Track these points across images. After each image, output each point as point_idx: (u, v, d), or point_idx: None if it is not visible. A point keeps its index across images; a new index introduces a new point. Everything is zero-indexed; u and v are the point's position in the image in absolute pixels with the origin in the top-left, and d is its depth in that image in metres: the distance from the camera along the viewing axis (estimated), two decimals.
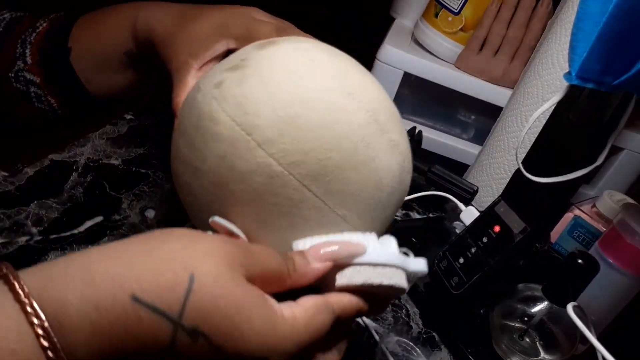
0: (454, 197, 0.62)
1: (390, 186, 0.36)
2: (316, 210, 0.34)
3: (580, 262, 0.41)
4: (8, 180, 0.51)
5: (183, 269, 0.24)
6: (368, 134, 0.35)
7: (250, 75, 0.35)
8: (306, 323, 0.28)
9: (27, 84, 0.52)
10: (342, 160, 0.34)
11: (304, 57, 0.36)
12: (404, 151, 0.38)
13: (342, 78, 0.36)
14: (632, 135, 0.82)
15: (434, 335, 0.50)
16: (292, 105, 0.33)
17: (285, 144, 0.33)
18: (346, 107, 0.34)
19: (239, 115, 0.34)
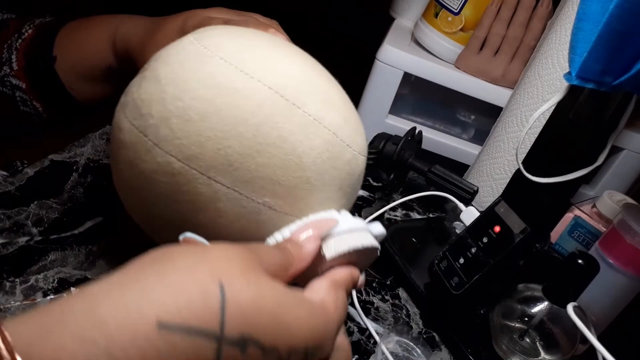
0: (454, 197, 0.62)
1: (316, 164, 0.34)
2: (232, 202, 0.33)
3: (580, 262, 0.41)
4: (8, 180, 0.51)
5: (209, 280, 0.22)
6: (273, 112, 0.33)
7: (147, 76, 0.35)
8: (334, 303, 0.29)
9: (13, 88, 0.53)
10: (243, 147, 0.32)
11: (197, 47, 0.35)
12: (333, 122, 0.35)
13: (236, 58, 0.34)
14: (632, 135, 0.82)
15: (434, 335, 0.50)
16: (182, 97, 0.32)
17: (179, 139, 0.32)
18: (238, 89, 0.33)
19: (136, 117, 0.34)
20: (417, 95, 1.04)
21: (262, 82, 0.33)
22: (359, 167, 0.38)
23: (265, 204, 0.34)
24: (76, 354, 0.18)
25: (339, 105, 0.37)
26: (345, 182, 0.37)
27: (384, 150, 0.68)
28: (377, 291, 0.53)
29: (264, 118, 0.33)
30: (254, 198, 0.33)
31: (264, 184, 0.33)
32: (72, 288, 0.41)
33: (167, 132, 0.32)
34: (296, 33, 0.41)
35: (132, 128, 0.34)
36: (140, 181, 0.35)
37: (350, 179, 0.38)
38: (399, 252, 0.56)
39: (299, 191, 0.34)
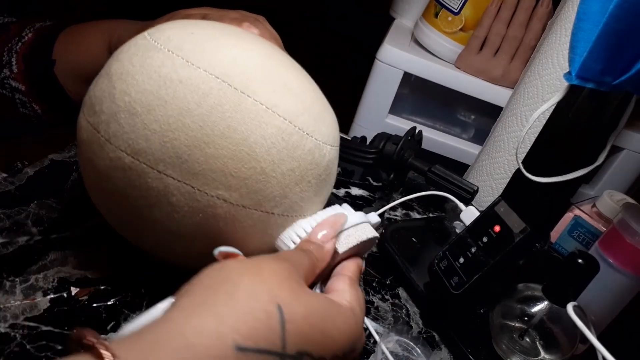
0: (454, 197, 0.62)
1: (270, 154, 0.33)
2: (185, 196, 0.33)
3: (580, 262, 0.41)
4: (8, 180, 0.51)
5: (269, 302, 0.26)
6: (220, 102, 0.32)
7: (102, 73, 0.35)
8: (357, 302, 0.32)
9: (13, 91, 0.54)
10: (189, 138, 0.32)
11: (148, 41, 0.35)
12: (289, 110, 0.34)
13: (184, 49, 0.33)
14: (632, 135, 0.83)
15: (434, 335, 0.50)
16: (129, 91, 0.32)
17: (127, 133, 0.32)
18: (183, 79, 0.32)
19: (91, 114, 0.34)
20: (417, 95, 1.04)
21: (207, 72, 0.33)
22: (326, 157, 0.37)
23: (219, 197, 0.33)
24: None
25: (298, 92, 0.36)
26: (309, 172, 0.36)
27: (384, 150, 0.68)
28: (377, 291, 0.53)
29: (210, 108, 0.32)
30: (207, 191, 0.33)
31: (215, 176, 0.32)
32: (71, 287, 0.41)
33: (117, 127, 0.33)
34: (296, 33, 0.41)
35: (87, 125, 0.35)
36: (97, 177, 0.35)
37: (315, 169, 0.36)
38: (399, 252, 0.56)
39: (255, 183, 0.33)
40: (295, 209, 0.37)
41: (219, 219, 0.34)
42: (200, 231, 0.35)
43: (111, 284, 0.42)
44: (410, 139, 0.70)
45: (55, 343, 0.37)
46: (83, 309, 0.40)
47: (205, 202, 0.33)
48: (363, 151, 0.68)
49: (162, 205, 0.33)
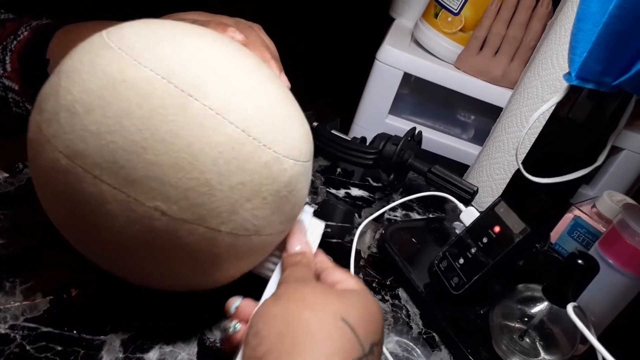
0: (454, 197, 0.62)
1: (217, 164, 0.31)
2: (121, 204, 0.30)
3: (580, 262, 0.41)
4: (8, 180, 0.51)
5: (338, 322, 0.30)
6: (163, 104, 0.30)
7: (55, 71, 0.34)
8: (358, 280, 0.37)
9: (6, 89, 0.53)
10: (127, 142, 0.29)
11: (103, 40, 0.33)
12: (243, 118, 0.32)
13: (135, 48, 0.31)
14: (632, 135, 0.83)
15: (434, 335, 0.50)
16: (72, 90, 0.31)
17: (67, 133, 0.30)
18: (127, 79, 0.30)
19: (38, 112, 0.33)
20: (417, 95, 1.04)
21: (154, 72, 0.30)
22: (287, 172, 0.34)
23: (157, 209, 0.30)
24: None
25: (259, 100, 0.33)
26: (265, 188, 0.33)
27: (384, 151, 0.68)
28: (377, 291, 0.53)
29: (151, 110, 0.29)
30: (144, 201, 0.30)
31: (153, 185, 0.30)
32: (71, 288, 0.41)
33: (57, 126, 0.31)
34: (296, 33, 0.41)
35: (33, 122, 0.33)
36: (40, 178, 0.34)
37: (272, 185, 0.33)
38: (399, 252, 0.56)
39: (197, 195, 0.31)
40: (247, 227, 0.33)
41: (157, 233, 0.31)
42: (141, 244, 0.32)
43: (111, 285, 0.42)
44: (410, 140, 0.70)
45: (55, 344, 0.37)
46: (83, 309, 0.40)
47: (142, 213, 0.31)
48: (363, 152, 0.68)
49: (99, 213, 0.31)
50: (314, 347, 0.28)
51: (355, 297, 0.34)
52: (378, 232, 0.61)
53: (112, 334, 0.38)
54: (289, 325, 0.30)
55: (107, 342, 0.38)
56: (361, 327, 0.31)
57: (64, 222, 0.36)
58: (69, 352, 0.36)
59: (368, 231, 0.61)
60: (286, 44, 0.46)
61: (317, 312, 0.30)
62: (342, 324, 0.30)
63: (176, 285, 0.38)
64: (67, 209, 0.33)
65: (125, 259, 0.35)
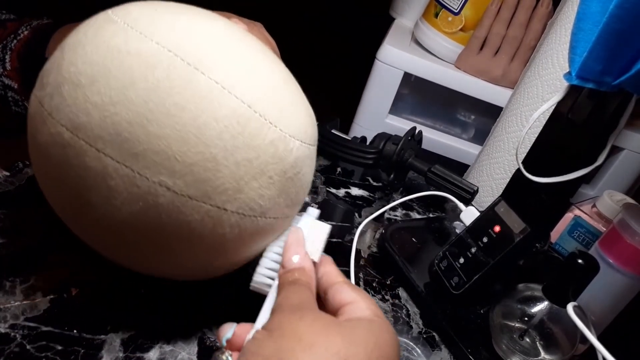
0: (454, 197, 0.62)
1: (223, 139, 0.30)
2: (124, 179, 0.30)
3: (580, 262, 0.41)
4: (8, 180, 0.51)
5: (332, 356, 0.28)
6: (169, 76, 0.29)
7: (58, 47, 0.33)
8: (371, 302, 0.33)
9: (5, 88, 0.53)
10: (131, 114, 0.29)
11: (108, 16, 0.33)
12: (249, 93, 0.31)
13: (140, 23, 0.31)
14: (632, 135, 0.83)
15: (434, 335, 0.50)
16: (75, 62, 0.30)
17: (69, 106, 0.30)
18: (131, 50, 0.30)
19: (39, 88, 0.33)
20: (417, 95, 1.04)
21: (160, 44, 0.30)
22: (293, 152, 0.33)
23: (161, 184, 0.30)
24: None
25: (264, 77, 0.33)
26: (271, 167, 0.32)
27: (384, 150, 0.68)
28: (377, 291, 0.53)
29: (156, 82, 0.29)
30: (148, 176, 0.29)
31: (158, 159, 0.29)
32: (72, 288, 0.41)
33: (59, 99, 0.30)
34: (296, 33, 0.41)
35: (34, 99, 0.33)
36: (37, 155, 0.33)
37: (278, 164, 0.33)
38: (399, 252, 0.56)
39: (202, 170, 0.30)
40: (253, 207, 0.33)
41: (161, 210, 0.30)
42: (144, 224, 0.31)
43: (111, 284, 0.42)
44: (410, 139, 0.70)
45: (55, 343, 0.37)
46: (83, 309, 0.40)
47: (146, 189, 0.30)
48: (363, 151, 0.68)
49: (101, 189, 0.30)
50: None
51: (365, 329, 0.30)
52: (378, 231, 0.61)
53: (112, 333, 0.38)
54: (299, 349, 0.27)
55: (107, 342, 0.38)
56: None
57: (64, 202, 0.34)
58: (69, 352, 0.36)
59: (368, 231, 0.61)
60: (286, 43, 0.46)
61: (314, 354, 0.27)
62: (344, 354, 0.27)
63: (178, 270, 0.37)
64: (68, 186, 0.32)
65: (126, 241, 0.33)
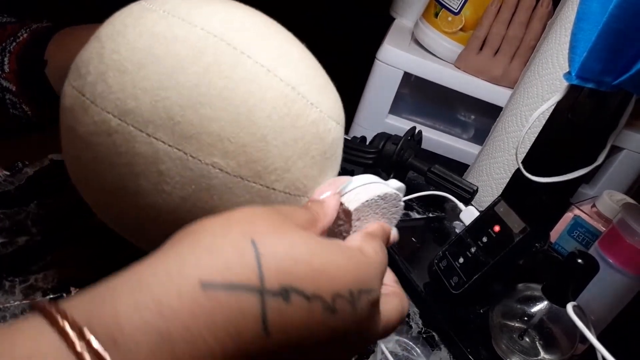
0: (453, 197, 0.62)
1: (272, 119, 0.31)
2: (176, 163, 0.30)
3: (580, 262, 0.41)
4: (8, 180, 0.51)
5: (240, 238, 0.22)
6: (217, 60, 0.30)
7: (91, 39, 0.33)
8: (372, 249, 0.28)
9: (3, 90, 0.53)
10: (183, 97, 0.29)
11: (142, 5, 0.33)
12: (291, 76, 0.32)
13: (180, 9, 0.31)
14: (632, 135, 0.82)
15: (434, 335, 0.50)
16: (118, 49, 0.30)
17: (115, 92, 0.30)
18: (178, 36, 0.30)
19: (75, 78, 0.32)
20: (417, 95, 1.04)
21: (205, 30, 0.30)
22: (331, 132, 0.34)
23: (214, 165, 0.30)
24: (131, 317, 0.19)
25: (299, 61, 0.34)
26: (314, 147, 0.33)
27: (383, 150, 0.68)
28: None
29: (206, 66, 0.30)
30: (201, 158, 0.30)
31: (211, 140, 0.30)
32: (71, 288, 0.41)
33: (104, 87, 0.30)
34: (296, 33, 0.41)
35: (72, 90, 0.32)
36: (78, 146, 0.33)
37: (320, 144, 0.33)
38: (398, 252, 0.56)
39: (254, 151, 0.30)
40: (298, 187, 0.33)
41: (214, 192, 0.31)
42: (193, 208, 0.31)
43: None
44: (410, 139, 0.70)
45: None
46: None
47: (199, 172, 0.30)
48: (363, 151, 0.68)
49: (151, 174, 0.30)
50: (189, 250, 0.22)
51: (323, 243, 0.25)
52: None
53: None
54: (188, 230, 0.24)
55: None
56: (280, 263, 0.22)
57: (107, 193, 0.34)
58: None
59: None
60: None
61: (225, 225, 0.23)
62: (246, 244, 0.22)
63: None
64: (114, 175, 0.31)
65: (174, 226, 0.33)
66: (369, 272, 0.26)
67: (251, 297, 0.21)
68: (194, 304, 0.19)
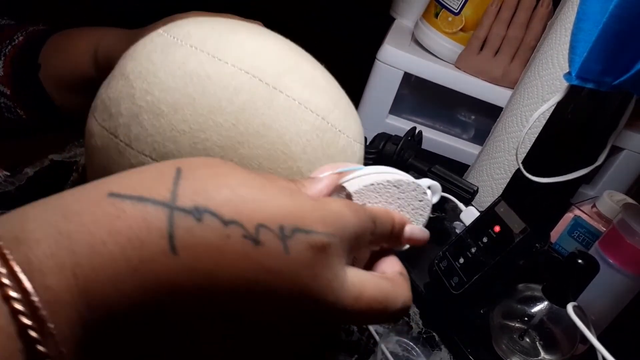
0: (454, 197, 0.62)
1: (306, 152, 0.31)
2: None
3: (580, 262, 0.41)
4: (8, 180, 0.51)
5: (167, 166, 0.22)
6: (253, 98, 0.30)
7: (115, 74, 0.33)
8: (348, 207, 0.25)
9: None
10: (222, 138, 0.29)
11: (165, 38, 0.32)
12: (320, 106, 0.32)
13: (207, 44, 0.31)
14: (632, 135, 0.82)
15: (434, 335, 0.50)
16: (151, 90, 0.30)
17: (152, 135, 0.30)
18: (211, 75, 0.30)
19: (105, 118, 0.32)
20: (417, 95, 1.04)
21: (237, 67, 0.30)
22: (356, 155, 0.35)
23: None
24: (35, 218, 0.20)
25: (325, 88, 0.34)
26: None
27: (384, 150, 0.68)
28: None
29: (242, 104, 0.30)
30: None
31: None
32: None
33: (139, 130, 0.30)
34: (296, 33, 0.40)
35: (102, 130, 0.32)
36: None
37: None
38: (398, 252, 0.56)
39: None
40: None
41: None
42: None
43: None
44: (410, 139, 0.70)
45: None
46: None
47: None
48: None
49: None
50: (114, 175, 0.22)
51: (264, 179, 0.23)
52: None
53: None
54: None
55: None
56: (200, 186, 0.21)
57: None
58: None
59: None
60: None
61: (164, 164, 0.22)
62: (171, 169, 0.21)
63: None
64: None
65: None
66: (313, 214, 0.23)
67: (159, 211, 0.20)
68: (97, 209, 0.19)
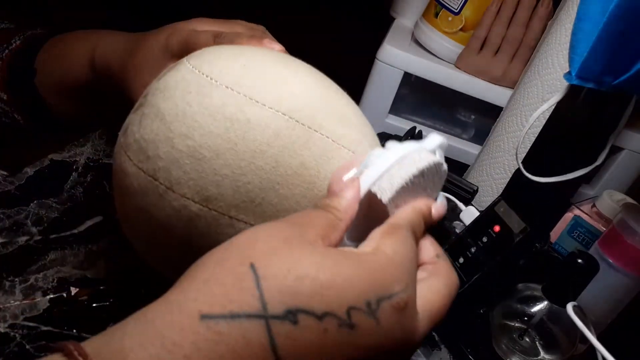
0: (454, 197, 0.62)
1: None
2: None
3: (580, 262, 0.41)
4: (8, 180, 0.51)
5: (238, 264, 0.22)
6: (291, 140, 0.31)
7: (148, 113, 0.32)
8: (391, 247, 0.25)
9: None
10: (263, 180, 0.30)
11: (198, 76, 0.32)
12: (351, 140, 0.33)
13: (242, 85, 0.31)
14: (632, 135, 0.82)
15: (434, 335, 0.50)
16: (191, 135, 0.30)
17: (194, 180, 0.30)
18: (251, 119, 0.30)
19: (142, 160, 0.32)
20: (417, 95, 1.04)
21: (274, 109, 0.31)
22: None
23: None
24: (136, 351, 0.19)
25: (353, 120, 0.35)
26: None
27: None
28: None
29: (282, 147, 0.30)
30: None
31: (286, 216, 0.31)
32: (71, 287, 0.41)
33: (180, 174, 0.30)
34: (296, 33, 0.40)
35: (139, 172, 0.32)
36: (153, 228, 0.33)
37: None
38: None
39: None
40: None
41: None
42: None
43: (111, 284, 0.42)
44: (410, 139, 0.70)
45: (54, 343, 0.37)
46: (82, 309, 0.40)
47: None
48: None
49: None
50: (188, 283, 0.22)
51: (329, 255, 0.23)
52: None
53: None
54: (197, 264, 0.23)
55: None
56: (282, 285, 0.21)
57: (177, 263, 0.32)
58: None
59: None
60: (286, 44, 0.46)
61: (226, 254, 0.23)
62: (245, 269, 0.21)
63: None
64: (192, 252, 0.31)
65: None
66: (385, 275, 0.24)
67: (255, 325, 0.20)
68: (196, 337, 0.19)
